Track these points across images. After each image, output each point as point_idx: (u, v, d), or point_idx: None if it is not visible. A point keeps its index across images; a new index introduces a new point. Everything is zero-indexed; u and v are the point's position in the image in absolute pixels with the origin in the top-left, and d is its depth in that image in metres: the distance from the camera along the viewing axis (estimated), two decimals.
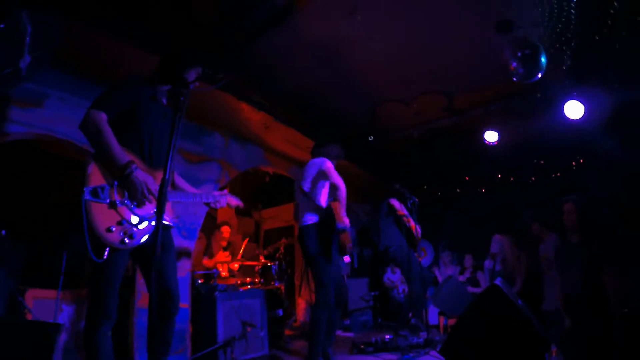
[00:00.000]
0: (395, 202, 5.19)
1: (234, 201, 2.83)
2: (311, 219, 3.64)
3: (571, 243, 4.31)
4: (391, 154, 6.43)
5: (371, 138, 5.81)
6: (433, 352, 3.97)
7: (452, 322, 5.36)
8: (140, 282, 3.69)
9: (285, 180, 6.76)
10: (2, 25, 2.30)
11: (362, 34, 3.62)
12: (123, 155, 2.07)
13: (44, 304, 3.21)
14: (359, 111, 5.13)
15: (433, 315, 6.08)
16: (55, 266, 3.11)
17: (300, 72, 4.13)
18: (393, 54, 3.92)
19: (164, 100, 2.44)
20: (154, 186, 2.13)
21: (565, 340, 4.19)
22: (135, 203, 2.11)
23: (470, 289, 5.94)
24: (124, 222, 2.05)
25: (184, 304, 4.00)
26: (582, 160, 6.65)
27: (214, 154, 4.61)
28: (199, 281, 4.43)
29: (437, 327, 5.78)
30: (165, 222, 2.20)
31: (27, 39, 2.43)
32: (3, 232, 3.49)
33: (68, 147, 3.42)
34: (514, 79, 3.67)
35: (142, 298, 3.67)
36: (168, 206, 2.29)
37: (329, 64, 4.04)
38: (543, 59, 3.50)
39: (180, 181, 2.58)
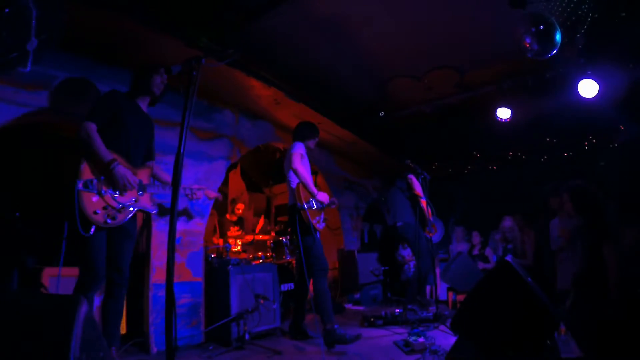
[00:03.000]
0: (414, 180, 5.20)
1: (213, 193, 3.50)
2: (290, 201, 3.99)
3: (576, 225, 4.36)
4: (402, 130, 6.40)
5: (382, 114, 5.77)
6: (442, 327, 4.05)
7: (461, 297, 5.42)
8: (155, 256, 3.78)
9: None
10: (7, 10, 2.37)
11: (371, 10, 3.57)
12: (108, 155, 2.63)
13: (63, 281, 3.32)
14: (369, 87, 5.09)
15: (443, 290, 6.16)
16: (69, 245, 3.21)
17: (309, 50, 4.11)
18: (403, 29, 3.87)
19: (144, 108, 3.02)
20: (133, 178, 2.73)
21: (574, 318, 4.24)
22: (117, 192, 2.69)
23: (481, 265, 5.99)
24: (107, 207, 2.64)
25: (198, 278, 4.09)
26: (594, 140, 6.56)
27: (225, 131, 4.62)
28: (212, 256, 4.51)
29: (446, 302, 5.86)
30: (145, 209, 2.87)
31: (33, 22, 2.51)
32: (17, 214, 3.70)
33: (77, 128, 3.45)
34: (528, 55, 3.59)
35: (156, 273, 3.76)
36: (147, 196, 2.91)
37: (337, 41, 4.01)
38: (558, 36, 3.41)
39: (160, 173, 3.14)
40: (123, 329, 3.59)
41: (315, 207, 3.95)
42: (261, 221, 6.16)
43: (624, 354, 3.06)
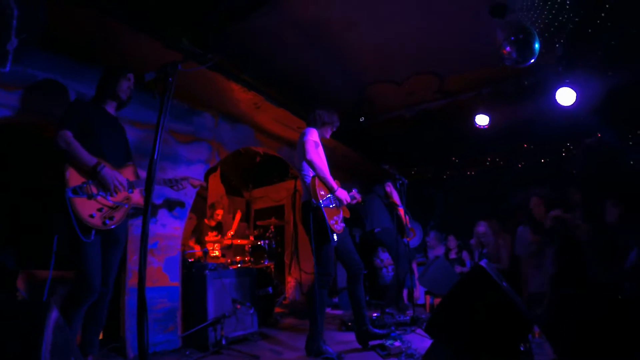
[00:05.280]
0: (392, 188, 5.25)
1: (197, 181, 3.51)
2: (304, 197, 3.65)
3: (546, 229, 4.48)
4: (382, 134, 6.45)
5: (362, 119, 5.82)
6: (419, 330, 4.09)
7: (438, 301, 5.50)
8: (131, 261, 3.72)
9: (276, 160, 6.77)
10: None
11: (353, 15, 3.60)
12: (91, 159, 2.63)
13: (38, 285, 3.25)
14: (350, 92, 5.12)
15: (421, 294, 6.22)
16: (49, 249, 3.14)
17: (289, 53, 4.10)
18: (384, 35, 3.91)
19: (112, 112, 2.99)
20: (121, 178, 2.75)
21: (548, 321, 4.33)
22: (108, 193, 2.68)
23: (458, 269, 6.07)
24: (102, 209, 2.64)
25: (175, 283, 4.04)
26: (572, 147, 6.74)
27: (204, 134, 4.59)
28: (190, 260, 4.47)
29: (423, 306, 5.93)
30: (139, 205, 2.87)
31: (14, 21, 2.51)
32: None
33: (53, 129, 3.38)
34: (507, 63, 3.68)
35: (133, 277, 3.70)
36: (137, 193, 2.90)
37: (318, 45, 4.02)
38: (536, 44, 3.50)
39: (142, 174, 3.02)
40: (100, 335, 3.52)
41: (333, 205, 3.57)
42: (237, 216, 6.10)
43: (598, 355, 3.15)
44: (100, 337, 3.56)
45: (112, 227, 2.66)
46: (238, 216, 6.04)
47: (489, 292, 2.56)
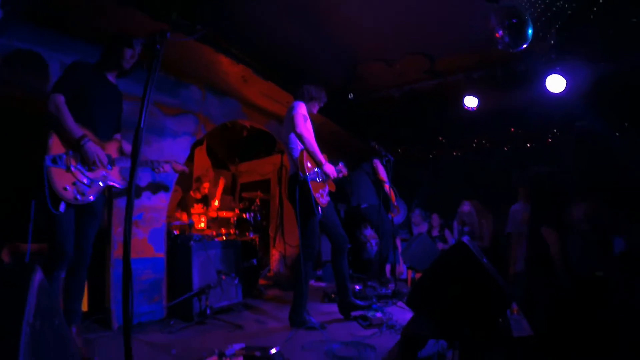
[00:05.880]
0: (379, 165, 5.29)
1: (179, 166, 3.50)
2: (291, 170, 3.69)
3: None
4: (370, 112, 6.46)
5: (351, 96, 5.80)
6: (400, 303, 4.20)
7: (419, 276, 5.62)
8: (116, 232, 3.72)
9: (263, 134, 6.75)
10: None
11: None
12: (78, 130, 2.58)
13: (23, 257, 3.24)
14: (340, 69, 5.09)
15: (403, 269, 6.36)
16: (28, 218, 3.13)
17: (279, 28, 4.04)
18: (376, 13, 3.87)
19: (112, 79, 2.95)
20: (103, 154, 2.71)
21: (527, 299, 4.47)
22: (86, 167, 2.65)
23: (440, 246, 6.20)
24: (77, 182, 2.61)
25: (160, 254, 4.07)
26: (558, 134, 6.83)
27: (191, 107, 4.54)
28: (175, 232, 4.49)
29: (405, 280, 6.06)
30: (114, 184, 2.84)
31: None
32: None
33: (39, 102, 3.32)
34: (499, 47, 3.68)
35: (118, 249, 3.71)
36: (116, 171, 2.87)
37: (309, 21, 3.97)
38: (529, 30, 3.50)
39: (127, 147, 3.00)
40: (85, 307, 3.54)
41: (319, 179, 3.64)
42: (220, 183, 6.08)
43: (572, 332, 3.27)
44: (86, 309, 3.60)
45: (82, 202, 2.64)
46: (221, 184, 6.02)
47: (469, 267, 2.60)
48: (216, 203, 5.58)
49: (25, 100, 3.41)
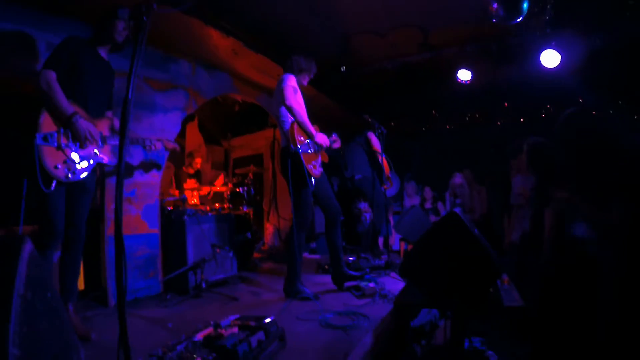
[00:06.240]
0: (372, 137, 5.28)
1: (171, 144, 3.49)
2: (283, 143, 3.68)
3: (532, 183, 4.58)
4: (363, 86, 6.41)
5: (343, 68, 5.74)
6: (393, 274, 4.26)
7: (412, 248, 5.70)
8: (109, 209, 3.72)
9: (255, 109, 6.69)
10: None
11: None
12: (69, 107, 2.56)
13: None
14: (332, 41, 5.02)
15: (396, 241, 6.44)
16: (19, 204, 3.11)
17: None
18: None
19: (105, 55, 2.91)
20: (95, 131, 2.69)
21: (519, 272, 4.55)
22: (78, 145, 2.64)
23: (433, 218, 6.26)
24: (68, 161, 2.60)
25: (154, 230, 4.08)
26: (552, 109, 6.82)
27: (181, 82, 4.47)
28: (169, 208, 4.49)
29: (398, 252, 6.15)
30: (106, 162, 2.83)
31: None
32: None
33: (28, 83, 3.25)
34: (493, 20, 3.63)
35: (111, 226, 3.71)
36: (107, 148, 2.85)
37: None
38: (525, 3, 3.46)
39: (119, 125, 2.88)
40: (81, 285, 3.57)
41: (311, 150, 3.64)
42: (221, 177, 6.13)
43: (562, 306, 3.34)
44: (82, 287, 3.63)
45: (73, 180, 2.63)
46: (221, 178, 6.03)
47: (461, 237, 2.63)
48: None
49: (12, 82, 3.36)
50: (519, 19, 3.57)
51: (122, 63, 3.48)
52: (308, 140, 3.62)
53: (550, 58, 4.61)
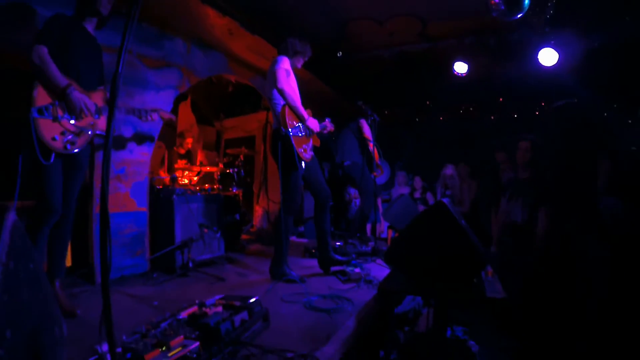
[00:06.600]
0: (364, 124, 5.29)
1: (167, 115, 3.50)
2: (274, 125, 3.68)
3: (520, 178, 4.63)
4: (358, 72, 6.38)
5: (340, 54, 5.72)
6: (379, 260, 4.30)
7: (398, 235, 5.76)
8: (98, 187, 3.69)
9: (249, 91, 6.65)
10: None
11: None
12: (63, 79, 2.55)
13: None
14: (329, 26, 4.98)
15: (384, 228, 6.51)
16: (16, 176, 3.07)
17: None
18: None
19: (91, 31, 2.86)
20: (90, 102, 2.68)
21: (502, 263, 4.61)
22: (74, 117, 2.62)
23: (421, 208, 6.31)
24: (65, 132, 2.59)
25: (142, 208, 4.06)
26: (546, 107, 6.85)
27: (175, 60, 4.41)
28: (158, 187, 4.47)
29: (385, 239, 6.20)
30: (99, 133, 2.79)
31: None
32: None
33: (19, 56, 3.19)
34: (493, 14, 3.62)
35: (99, 203, 3.69)
36: (103, 120, 2.81)
37: None
38: (526, 0, 3.45)
39: None
40: (68, 262, 3.55)
41: (302, 133, 3.64)
42: (200, 153, 6.09)
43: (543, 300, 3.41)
44: (69, 264, 3.62)
45: (73, 152, 2.62)
46: (201, 154, 6.01)
47: (448, 227, 2.66)
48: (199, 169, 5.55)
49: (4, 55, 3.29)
50: (519, 15, 3.56)
51: (114, 38, 3.45)
52: (299, 124, 3.61)
53: (548, 56, 4.62)
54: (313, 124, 3.69)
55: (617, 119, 5.24)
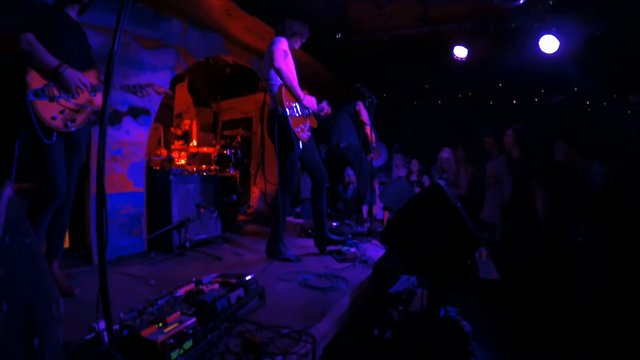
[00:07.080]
0: (361, 107, 5.29)
1: (162, 89, 3.48)
2: (271, 105, 3.68)
3: (510, 160, 4.68)
4: (357, 54, 6.34)
5: (338, 36, 5.67)
6: (374, 241, 4.35)
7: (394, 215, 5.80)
8: (95, 167, 3.68)
9: (246, 72, 6.60)
10: None
11: None
12: (54, 60, 2.55)
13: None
14: (329, 8, 4.93)
15: (380, 210, 6.54)
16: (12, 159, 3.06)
17: None
18: None
19: (74, 17, 2.83)
20: (84, 79, 2.69)
21: (497, 245, 4.67)
22: (70, 95, 2.63)
23: (417, 191, 6.34)
24: (64, 111, 2.60)
25: (139, 188, 4.07)
26: (545, 94, 6.83)
27: (171, 40, 4.37)
28: (155, 168, 4.48)
29: (381, 221, 6.25)
30: (97, 110, 2.79)
31: None
32: None
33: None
34: (495, 1, 3.59)
35: (96, 184, 3.69)
36: (100, 97, 2.81)
37: None
38: None
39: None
40: (66, 244, 3.57)
41: (299, 113, 3.65)
42: (195, 130, 6.08)
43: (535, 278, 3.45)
44: (67, 245, 3.64)
45: (74, 129, 2.64)
46: (195, 130, 5.97)
47: (443, 208, 2.68)
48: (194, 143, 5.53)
49: None
50: (521, 1, 3.53)
51: (108, 18, 3.42)
52: (296, 104, 3.62)
53: (549, 43, 4.60)
54: (310, 101, 3.71)
55: (616, 109, 5.25)
